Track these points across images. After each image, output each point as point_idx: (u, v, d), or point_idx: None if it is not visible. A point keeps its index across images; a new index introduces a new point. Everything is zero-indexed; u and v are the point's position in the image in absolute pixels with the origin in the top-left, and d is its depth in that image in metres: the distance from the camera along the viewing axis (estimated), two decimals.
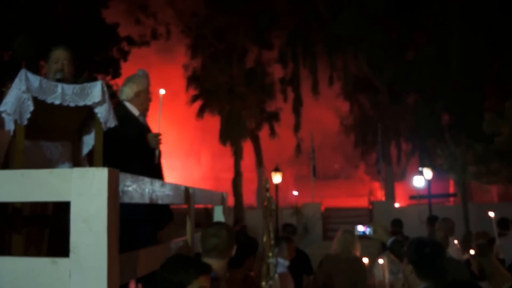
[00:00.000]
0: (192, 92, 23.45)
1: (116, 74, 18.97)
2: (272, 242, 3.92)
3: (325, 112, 28.52)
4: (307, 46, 25.16)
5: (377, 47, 23.31)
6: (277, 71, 25.05)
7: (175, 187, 3.75)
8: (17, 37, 14.39)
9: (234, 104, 22.40)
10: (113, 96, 14.49)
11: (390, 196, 24.15)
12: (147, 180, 2.93)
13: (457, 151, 19.00)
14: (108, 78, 18.81)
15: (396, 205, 23.92)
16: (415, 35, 23.71)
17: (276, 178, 20.11)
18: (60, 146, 3.68)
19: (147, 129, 4.57)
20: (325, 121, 28.61)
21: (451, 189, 24.34)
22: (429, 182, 19.56)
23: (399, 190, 25.41)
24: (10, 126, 3.19)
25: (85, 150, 3.70)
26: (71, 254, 2.35)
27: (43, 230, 3.40)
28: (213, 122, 23.85)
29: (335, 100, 27.25)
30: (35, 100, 3.15)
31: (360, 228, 5.18)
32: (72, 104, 3.25)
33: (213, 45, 23.58)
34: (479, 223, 17.74)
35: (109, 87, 15.83)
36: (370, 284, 5.87)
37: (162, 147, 4.63)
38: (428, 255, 3.21)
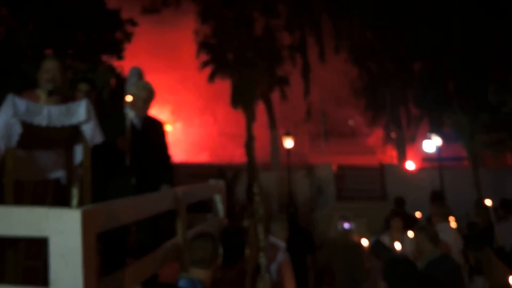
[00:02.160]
0: (203, 57, 23.53)
1: (120, 56, 19.09)
2: (262, 244, 4.04)
3: (335, 76, 28.43)
4: (312, 14, 25.01)
5: (382, 15, 22.98)
6: (285, 38, 25.01)
7: (161, 195, 3.89)
8: (21, 28, 14.49)
9: (244, 70, 22.43)
10: (117, 78, 14.82)
11: (401, 159, 24.18)
12: (127, 203, 3.06)
13: (464, 119, 18.86)
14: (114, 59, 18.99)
15: (410, 166, 23.93)
16: (421, 2, 23.26)
17: (288, 142, 20.22)
18: (54, 154, 3.81)
19: (137, 131, 4.67)
20: (335, 84, 28.51)
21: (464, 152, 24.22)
22: (438, 149, 19.52)
23: (411, 152, 25.40)
24: (1, 145, 3.33)
25: (77, 159, 3.82)
26: (50, 287, 2.52)
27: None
28: (227, 83, 23.95)
29: (344, 65, 27.17)
30: (24, 122, 3.28)
31: (346, 225, 5.26)
32: (58, 124, 3.38)
33: (221, 12, 23.52)
34: (491, 189, 17.79)
35: (113, 69, 16.01)
36: (368, 267, 5.99)
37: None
38: (402, 276, 3.33)
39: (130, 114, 4.70)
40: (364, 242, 6.25)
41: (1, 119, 3.20)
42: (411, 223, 7.49)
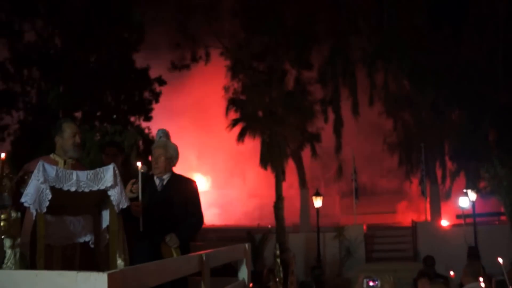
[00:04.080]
0: (232, 115, 23.65)
1: (147, 117, 19.55)
2: None
3: (367, 130, 28.31)
4: (346, 65, 24.91)
5: (418, 64, 22.95)
6: (317, 92, 24.89)
7: (185, 259, 3.96)
8: (52, 89, 15.08)
9: (274, 127, 22.40)
10: (145, 140, 15.21)
11: (436, 216, 23.64)
12: (151, 267, 3.14)
13: (503, 171, 18.50)
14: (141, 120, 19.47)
15: (444, 223, 23.42)
16: (459, 49, 23.21)
17: (317, 202, 20.09)
18: (82, 219, 3.95)
19: (156, 193, 4.76)
20: (367, 139, 28.40)
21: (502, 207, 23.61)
22: (473, 204, 19.15)
23: (445, 208, 24.91)
24: (33, 210, 3.48)
25: (104, 224, 3.95)
26: None
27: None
28: (256, 142, 23.97)
29: (378, 118, 26.94)
30: (53, 187, 3.43)
31: (371, 283, 5.16)
32: (86, 190, 3.52)
33: (251, 67, 23.78)
34: None
35: (141, 131, 16.45)
36: None
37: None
38: None
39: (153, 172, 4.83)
40: None
41: (32, 185, 3.36)
42: None
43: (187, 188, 4.91)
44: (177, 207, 4.77)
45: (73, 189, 3.48)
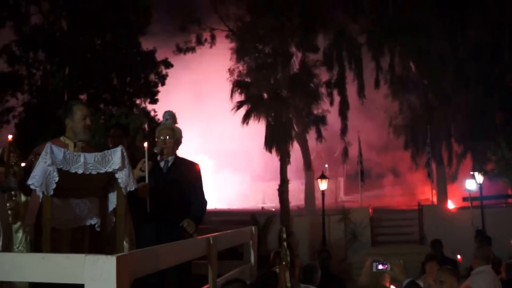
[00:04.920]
0: (237, 97, 23.48)
1: (153, 99, 19.44)
2: None
3: (374, 113, 28.18)
4: (352, 48, 24.74)
5: (425, 46, 22.76)
6: (323, 74, 24.71)
7: (192, 242, 3.94)
8: (58, 72, 15.02)
9: (279, 110, 22.26)
10: (150, 122, 15.17)
11: (442, 199, 23.55)
12: (159, 250, 3.12)
13: (510, 154, 18.42)
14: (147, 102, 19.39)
15: (450, 206, 23.36)
16: (465, 31, 23.02)
17: (323, 185, 20.00)
18: (88, 202, 3.91)
19: (162, 174, 4.76)
20: (373, 121, 28.27)
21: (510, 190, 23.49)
22: (480, 186, 19.04)
23: (452, 190, 24.83)
24: (39, 193, 3.45)
25: (111, 207, 3.92)
26: None
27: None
28: (261, 125, 23.85)
29: (384, 100, 26.76)
30: (60, 170, 3.40)
31: (380, 266, 5.12)
32: (94, 172, 3.49)
33: (257, 49, 23.61)
34: None
35: (146, 113, 16.36)
36: None
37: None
38: None
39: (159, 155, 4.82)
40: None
41: (39, 168, 3.33)
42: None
43: (191, 170, 4.96)
44: (181, 188, 4.80)
45: (80, 171, 3.44)
